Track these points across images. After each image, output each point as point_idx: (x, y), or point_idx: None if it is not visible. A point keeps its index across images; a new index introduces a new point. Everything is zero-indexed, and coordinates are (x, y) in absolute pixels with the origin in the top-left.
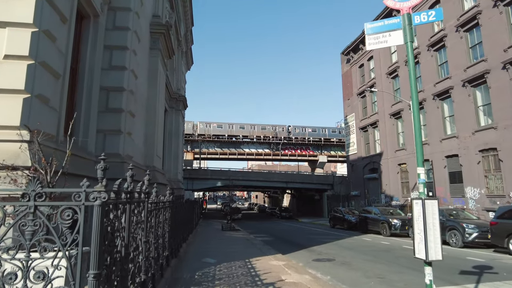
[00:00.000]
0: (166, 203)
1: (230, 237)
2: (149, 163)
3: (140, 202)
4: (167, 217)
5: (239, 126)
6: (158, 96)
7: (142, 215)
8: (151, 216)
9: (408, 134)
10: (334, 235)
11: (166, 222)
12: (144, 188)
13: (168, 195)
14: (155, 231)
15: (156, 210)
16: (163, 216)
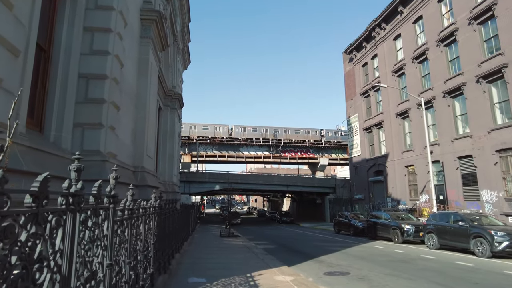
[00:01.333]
0: (150, 209)
1: (229, 244)
2: (138, 163)
3: (97, 210)
4: (152, 226)
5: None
6: (149, 90)
7: (104, 227)
8: (123, 227)
9: (416, 135)
10: (341, 242)
11: (150, 232)
12: (108, 190)
13: (154, 199)
14: (131, 246)
15: (132, 219)
16: (145, 226)
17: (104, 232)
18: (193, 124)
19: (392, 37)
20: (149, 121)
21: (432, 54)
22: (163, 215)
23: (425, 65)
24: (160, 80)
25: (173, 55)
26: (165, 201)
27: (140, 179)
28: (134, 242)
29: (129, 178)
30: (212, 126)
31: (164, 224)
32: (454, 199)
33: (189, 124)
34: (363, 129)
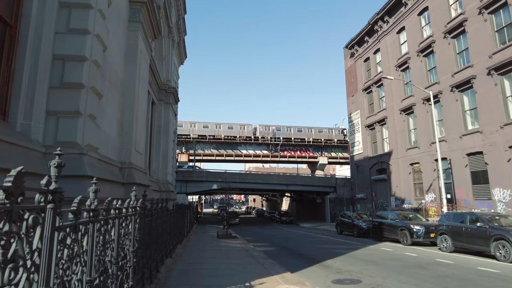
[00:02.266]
0: (128, 210)
1: (226, 247)
2: (125, 159)
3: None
4: (130, 231)
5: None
6: (138, 79)
7: (35, 239)
8: (77, 235)
9: (421, 131)
10: (346, 244)
11: (128, 238)
12: (44, 183)
13: (134, 198)
14: (96, 258)
15: (97, 224)
16: (119, 231)
17: (34, 245)
18: (193, 122)
19: (396, 30)
20: (139, 113)
21: (438, 46)
22: (149, 217)
23: (431, 58)
24: (153, 72)
25: (167, 47)
26: (152, 201)
27: (127, 176)
28: (101, 254)
29: (114, 174)
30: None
31: (150, 226)
32: (462, 198)
33: (189, 123)
34: (365, 126)
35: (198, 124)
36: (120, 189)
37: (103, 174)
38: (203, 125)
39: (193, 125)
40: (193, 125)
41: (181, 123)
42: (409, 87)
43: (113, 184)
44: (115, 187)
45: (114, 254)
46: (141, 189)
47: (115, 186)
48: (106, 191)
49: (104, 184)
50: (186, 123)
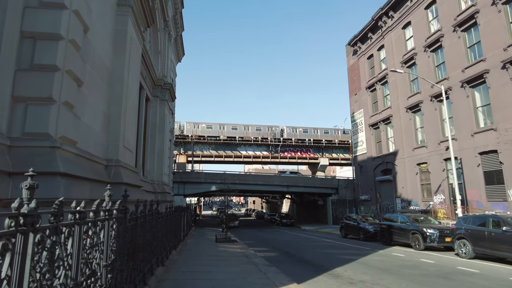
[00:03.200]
0: (100, 213)
1: (225, 252)
2: (112, 156)
3: None
4: (103, 240)
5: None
6: (127, 68)
7: None
8: None
9: (429, 129)
10: (353, 249)
11: (97, 249)
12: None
13: (108, 199)
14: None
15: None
16: (82, 242)
17: None
18: (197, 123)
19: (401, 25)
20: (128, 106)
21: (447, 40)
22: (133, 221)
23: (439, 54)
24: (147, 66)
25: (163, 42)
26: (136, 203)
27: (114, 175)
28: (45, 275)
29: (97, 173)
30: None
31: (134, 233)
32: (475, 199)
33: (193, 123)
34: (369, 125)
35: (201, 125)
36: (103, 189)
37: (82, 172)
38: (206, 126)
39: (196, 125)
40: (196, 125)
41: (184, 124)
42: (416, 84)
43: (95, 184)
44: (98, 187)
45: (73, 274)
46: (131, 190)
47: (98, 186)
48: (86, 191)
49: (83, 183)
50: (190, 123)
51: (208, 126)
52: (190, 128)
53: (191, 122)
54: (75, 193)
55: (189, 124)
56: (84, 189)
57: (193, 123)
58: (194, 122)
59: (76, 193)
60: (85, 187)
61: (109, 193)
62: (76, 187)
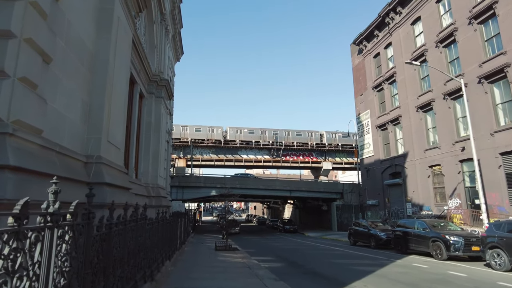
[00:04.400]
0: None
1: (225, 262)
2: (93, 151)
3: None
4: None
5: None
6: (113, 53)
7: None
8: None
9: (442, 129)
10: (367, 258)
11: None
12: None
13: (52, 197)
14: None
15: None
16: None
17: None
18: (185, 125)
19: (410, 21)
20: (114, 95)
21: (462, 34)
22: (107, 229)
23: (453, 49)
24: (141, 59)
25: (160, 36)
26: (111, 205)
27: (94, 174)
28: None
29: (72, 170)
30: (205, 128)
31: (107, 244)
32: (495, 203)
33: (180, 126)
34: (376, 126)
35: (190, 128)
36: (82, 190)
37: (47, 167)
38: (195, 129)
39: (184, 128)
40: (184, 128)
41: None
42: (426, 82)
43: (69, 184)
44: (73, 188)
45: None
46: (116, 192)
47: (73, 186)
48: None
49: (48, 181)
50: (177, 126)
51: (197, 129)
52: (177, 130)
53: (179, 125)
54: (34, 193)
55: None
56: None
57: (180, 126)
58: (182, 124)
59: (35, 193)
60: (51, 186)
61: (55, 188)
62: (35, 186)
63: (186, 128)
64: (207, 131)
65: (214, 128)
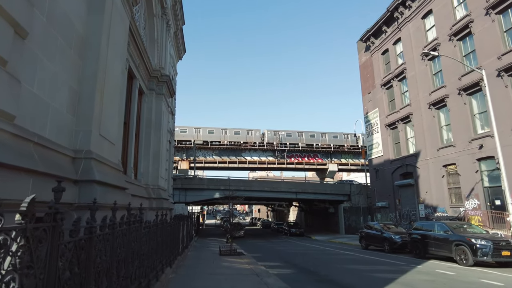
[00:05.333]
0: None
1: (230, 269)
2: (82, 145)
3: None
4: None
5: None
6: (106, 38)
7: None
8: None
9: (457, 126)
10: (384, 264)
11: None
12: None
13: None
14: None
15: None
16: None
17: None
18: (198, 127)
19: (421, 15)
20: (107, 85)
21: (478, 26)
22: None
23: (468, 42)
24: (140, 52)
25: (160, 30)
26: (93, 205)
27: (83, 171)
28: None
29: (58, 166)
30: (218, 130)
31: (87, 254)
32: None
33: (194, 128)
34: (385, 125)
35: (203, 130)
36: (68, 189)
37: (23, 161)
38: (208, 131)
39: (197, 130)
40: (197, 130)
41: (185, 128)
42: (439, 78)
43: (52, 181)
44: None
45: None
46: (110, 191)
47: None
48: (29, 189)
49: (21, 177)
50: (190, 128)
51: (210, 131)
52: (190, 132)
53: (192, 127)
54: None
55: (189, 129)
56: (22, 186)
57: (194, 128)
58: (195, 126)
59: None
60: (25, 183)
61: None
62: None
63: (199, 130)
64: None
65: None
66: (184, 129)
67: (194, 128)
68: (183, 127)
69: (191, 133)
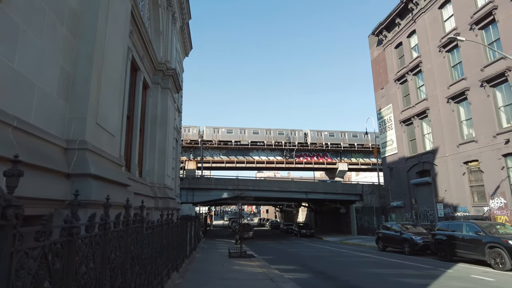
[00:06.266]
0: None
1: (241, 273)
2: (76, 135)
3: None
4: None
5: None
6: (103, 16)
7: None
8: None
9: (480, 120)
10: (409, 267)
11: None
12: None
13: None
14: None
15: None
16: None
17: None
18: (216, 127)
19: (437, 4)
20: (105, 69)
21: (502, 13)
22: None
23: (491, 30)
24: (145, 42)
25: (166, 22)
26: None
27: (76, 164)
28: None
29: (45, 157)
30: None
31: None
32: None
33: (212, 128)
34: (399, 121)
35: (221, 130)
36: (58, 184)
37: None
38: (227, 130)
39: (216, 130)
40: (216, 130)
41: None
42: (458, 70)
43: (38, 173)
44: (46, 179)
45: None
46: (108, 187)
47: (46, 177)
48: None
49: None
50: (209, 128)
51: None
52: (209, 132)
53: (211, 127)
54: None
55: (208, 129)
56: None
57: (213, 128)
58: (214, 126)
59: None
60: None
61: None
62: None
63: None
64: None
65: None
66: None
67: (213, 128)
68: (207, 127)
69: (210, 133)
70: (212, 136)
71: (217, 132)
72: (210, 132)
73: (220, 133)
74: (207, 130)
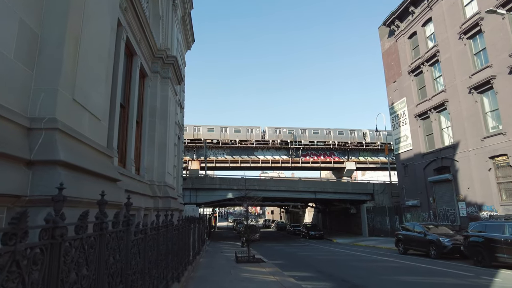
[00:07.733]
0: None
1: (252, 282)
2: (44, 111)
3: None
4: None
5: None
6: None
7: None
8: None
9: (508, 111)
10: (444, 275)
11: None
12: None
13: None
14: None
15: None
16: None
17: None
18: (224, 126)
19: None
20: (85, 31)
21: None
22: None
23: None
24: (142, 24)
25: (166, 6)
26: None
27: (41, 147)
28: None
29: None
30: (244, 128)
31: None
32: None
33: (220, 127)
34: (414, 115)
35: (203, 128)
36: (14, 174)
37: None
38: (208, 128)
39: (224, 129)
40: (224, 129)
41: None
42: (482, 57)
43: None
44: None
45: None
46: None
47: None
48: None
49: None
50: (217, 127)
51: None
52: (217, 132)
53: (219, 126)
54: None
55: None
56: None
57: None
58: (222, 125)
59: None
60: None
61: None
62: None
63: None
64: (220, 130)
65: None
66: (211, 128)
67: (221, 127)
68: (210, 126)
69: (218, 132)
70: (220, 135)
71: (225, 131)
72: (218, 131)
73: (228, 132)
74: (216, 129)
